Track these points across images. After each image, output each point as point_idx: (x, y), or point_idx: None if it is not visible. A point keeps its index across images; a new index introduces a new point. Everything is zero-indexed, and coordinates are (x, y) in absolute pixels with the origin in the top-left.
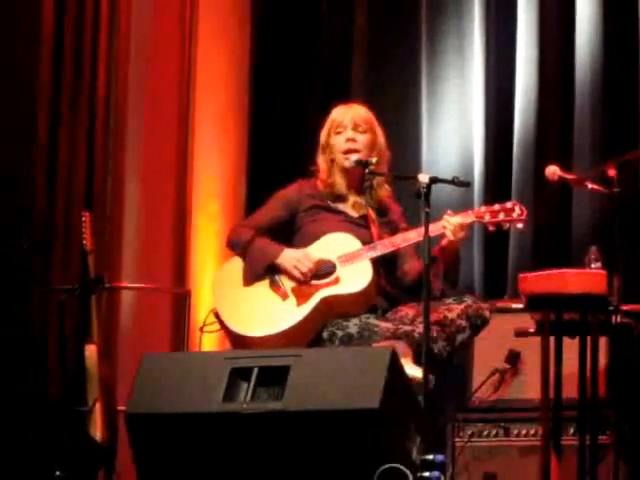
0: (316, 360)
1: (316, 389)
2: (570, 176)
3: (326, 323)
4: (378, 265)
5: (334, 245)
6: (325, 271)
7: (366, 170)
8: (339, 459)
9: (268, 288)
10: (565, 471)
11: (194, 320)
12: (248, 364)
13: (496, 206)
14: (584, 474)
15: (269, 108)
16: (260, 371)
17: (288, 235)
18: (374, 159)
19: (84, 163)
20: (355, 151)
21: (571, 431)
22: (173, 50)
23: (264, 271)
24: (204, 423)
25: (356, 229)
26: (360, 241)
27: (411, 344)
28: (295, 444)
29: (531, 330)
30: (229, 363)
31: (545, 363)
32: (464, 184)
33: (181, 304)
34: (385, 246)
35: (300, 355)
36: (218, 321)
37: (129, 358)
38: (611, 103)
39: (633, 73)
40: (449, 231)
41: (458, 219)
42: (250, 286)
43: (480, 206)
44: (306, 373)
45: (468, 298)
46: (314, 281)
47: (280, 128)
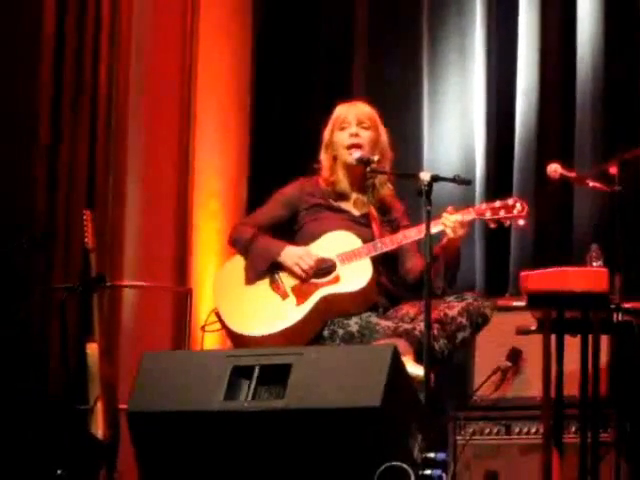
0: (317, 358)
1: (317, 387)
2: (571, 174)
3: (327, 321)
4: (379, 263)
5: (334, 243)
6: (325, 270)
7: (367, 168)
8: (341, 457)
9: (268, 287)
10: (566, 469)
11: (195, 318)
12: (249, 362)
13: (497, 203)
14: (585, 472)
15: (270, 107)
16: (261, 369)
17: (289, 234)
18: (376, 157)
19: (85, 162)
20: (358, 146)
21: (572, 429)
22: (174, 49)
23: (267, 268)
24: (205, 421)
25: (358, 227)
26: (361, 239)
27: (412, 342)
28: (297, 442)
29: (532, 328)
30: (230, 361)
31: (547, 361)
32: (465, 182)
33: (182, 302)
34: (386, 244)
35: (301, 353)
36: (219, 321)
37: (130, 356)
38: (612, 101)
39: (634, 71)
40: (449, 229)
41: (457, 217)
42: (250, 285)
43: (481, 203)
44: (307, 371)
45: (469, 296)
46: (314, 280)
47: (281, 127)
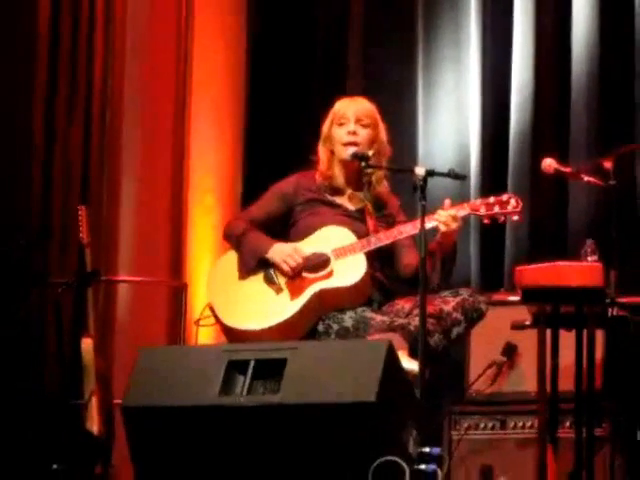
0: (313, 353)
1: (313, 382)
2: (566, 169)
3: (321, 316)
4: (374, 258)
5: (329, 238)
6: (319, 264)
7: (362, 163)
8: (336, 452)
9: (262, 282)
10: (561, 463)
11: (190, 313)
12: (245, 357)
13: (491, 199)
14: (580, 466)
15: (265, 103)
16: (257, 364)
17: (285, 228)
18: (371, 152)
19: (80, 158)
20: (355, 144)
21: (567, 423)
22: (169, 46)
23: (256, 264)
24: (201, 416)
25: (353, 222)
26: (356, 234)
27: (407, 337)
28: (292, 437)
29: (527, 323)
30: (226, 356)
31: (541, 356)
32: (460, 177)
33: (177, 297)
34: (380, 239)
35: (297, 348)
36: (213, 315)
37: (125, 351)
38: (607, 96)
39: (629, 66)
40: (442, 225)
41: (450, 211)
42: (244, 280)
43: (475, 199)
44: (303, 366)
45: (464, 291)
46: (308, 274)
47: (276, 122)
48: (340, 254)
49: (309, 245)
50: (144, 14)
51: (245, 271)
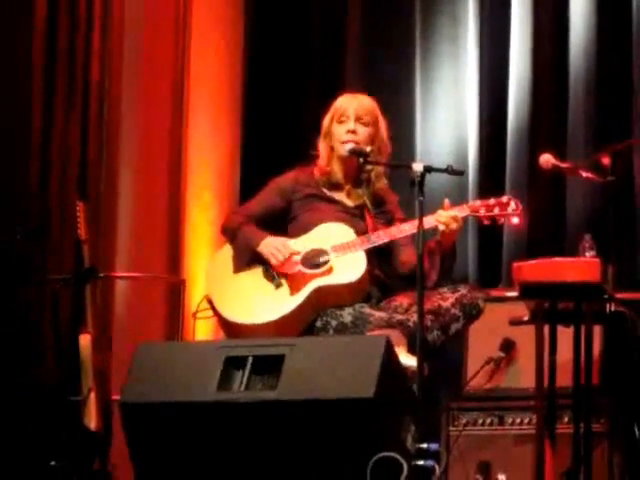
0: (311, 349)
1: (311, 378)
2: (564, 164)
3: (320, 312)
4: (372, 255)
5: (329, 235)
6: (319, 261)
7: (360, 160)
8: (334, 448)
9: (262, 277)
10: (559, 459)
11: (188, 309)
12: (243, 353)
13: (491, 200)
14: (578, 462)
15: (262, 98)
16: (255, 360)
17: (284, 223)
18: (368, 148)
19: (78, 152)
20: (354, 143)
21: (565, 419)
22: (167, 39)
23: (249, 258)
24: (199, 412)
25: (351, 219)
26: (355, 231)
27: (405, 333)
28: (290, 433)
29: (525, 318)
30: (223, 352)
31: (539, 351)
32: (458, 173)
33: (175, 293)
34: (380, 237)
35: (295, 344)
36: (211, 308)
37: (124, 347)
38: (605, 91)
39: (627, 61)
40: (442, 225)
41: (451, 212)
42: (243, 274)
43: (475, 200)
44: (301, 362)
45: (463, 287)
46: (307, 270)
47: (273, 118)
48: (340, 251)
49: (308, 241)
50: (142, 10)
51: (240, 265)
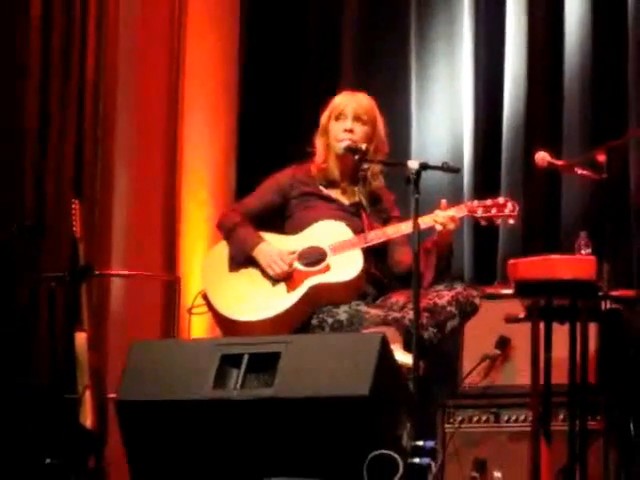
0: (306, 347)
1: (306, 376)
2: (559, 162)
3: (315, 310)
4: (369, 253)
5: (325, 233)
6: (316, 258)
7: (355, 157)
8: (329, 446)
9: (259, 273)
10: (555, 456)
11: (184, 307)
12: (238, 351)
13: (488, 201)
14: (574, 459)
15: (258, 95)
16: (250, 358)
17: (281, 220)
18: (363, 145)
19: (73, 151)
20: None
21: (561, 417)
22: (162, 36)
23: (244, 261)
24: (194, 410)
25: (348, 217)
26: (351, 229)
27: (401, 331)
28: (285, 431)
29: (521, 316)
30: (219, 350)
31: (535, 349)
32: (454, 170)
33: (171, 291)
34: (377, 236)
35: (290, 342)
36: (207, 303)
37: (119, 345)
38: (600, 88)
39: (622, 59)
40: (439, 225)
41: (448, 212)
42: (240, 270)
43: (473, 200)
44: (296, 360)
45: (458, 285)
46: (305, 268)
47: (269, 115)
48: (337, 249)
49: (305, 239)
50: (137, 6)
51: (235, 265)
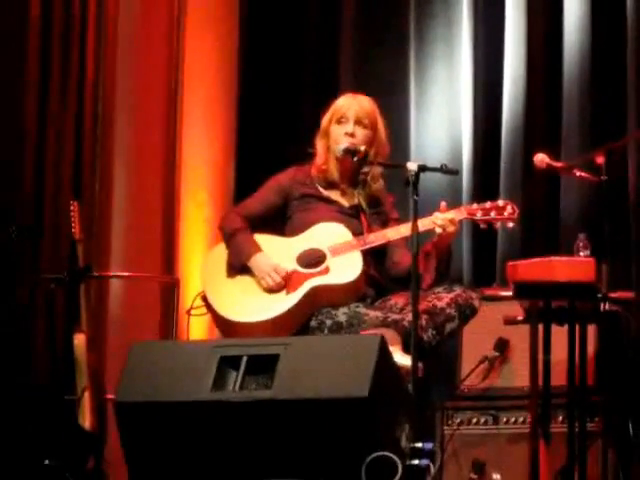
0: (305, 348)
1: (305, 377)
2: (558, 164)
3: (315, 312)
4: (368, 255)
5: (325, 235)
6: (315, 260)
7: (354, 158)
8: (328, 447)
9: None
10: (554, 458)
11: (183, 308)
12: (237, 353)
13: (488, 204)
14: (573, 461)
15: (257, 96)
16: (249, 360)
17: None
18: (362, 147)
19: (72, 151)
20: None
21: (560, 418)
22: (161, 36)
23: (240, 268)
24: (193, 412)
25: (347, 219)
26: (351, 232)
27: (400, 332)
28: (284, 433)
29: (520, 318)
30: (218, 351)
31: (534, 350)
32: (452, 172)
33: (170, 293)
34: (377, 238)
35: (289, 343)
36: (206, 305)
37: (118, 346)
38: (599, 90)
39: (621, 60)
40: (438, 228)
41: (448, 215)
42: (240, 272)
43: (472, 203)
44: (295, 361)
45: (458, 287)
46: (304, 270)
47: (268, 116)
48: (336, 251)
49: (305, 241)
50: (136, 5)
51: (232, 270)
